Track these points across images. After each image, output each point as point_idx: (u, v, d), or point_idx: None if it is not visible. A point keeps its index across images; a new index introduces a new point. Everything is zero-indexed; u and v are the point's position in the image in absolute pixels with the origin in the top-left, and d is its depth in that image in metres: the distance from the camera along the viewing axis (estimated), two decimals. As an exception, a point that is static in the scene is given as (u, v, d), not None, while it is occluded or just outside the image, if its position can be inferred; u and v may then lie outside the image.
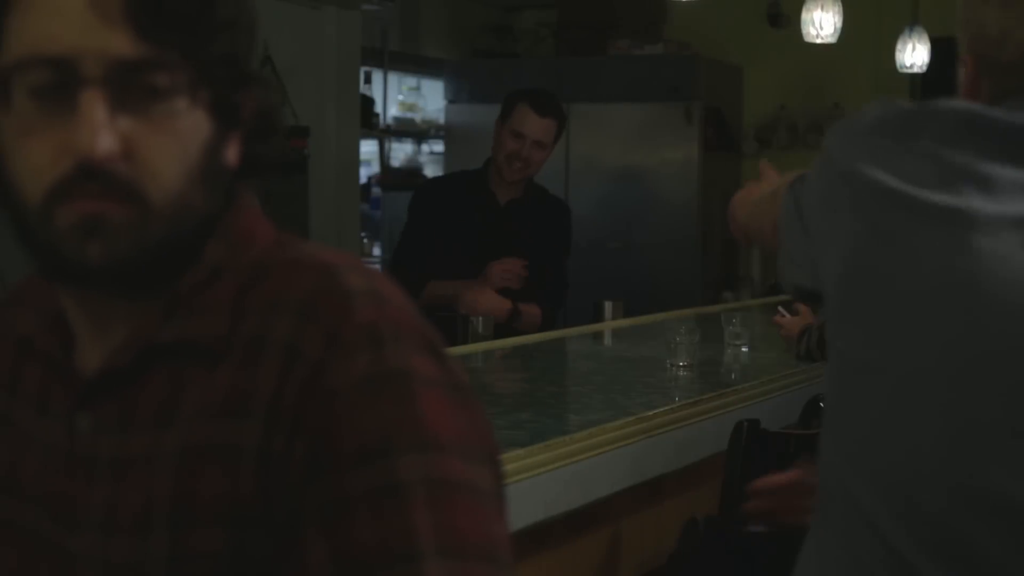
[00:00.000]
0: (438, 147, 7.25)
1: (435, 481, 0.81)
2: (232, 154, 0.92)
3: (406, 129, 7.16)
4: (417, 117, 7.19)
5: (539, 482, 1.96)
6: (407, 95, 7.16)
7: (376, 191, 6.87)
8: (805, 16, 4.41)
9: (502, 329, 3.48)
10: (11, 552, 0.96)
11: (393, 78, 6.91)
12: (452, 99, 6.85)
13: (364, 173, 6.31)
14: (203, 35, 0.87)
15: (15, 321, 1.02)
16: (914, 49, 5.21)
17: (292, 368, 0.85)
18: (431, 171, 7.25)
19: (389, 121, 6.86)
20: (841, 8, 4.40)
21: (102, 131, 0.84)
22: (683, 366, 2.84)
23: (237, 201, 0.94)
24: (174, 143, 0.87)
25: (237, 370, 0.87)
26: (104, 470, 0.90)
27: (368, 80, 6.30)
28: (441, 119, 7.05)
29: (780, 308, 3.15)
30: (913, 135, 1.23)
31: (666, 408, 2.34)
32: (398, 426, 0.82)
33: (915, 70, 5.31)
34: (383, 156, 6.89)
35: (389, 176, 6.90)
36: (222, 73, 0.89)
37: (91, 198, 0.85)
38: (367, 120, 6.00)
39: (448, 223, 3.64)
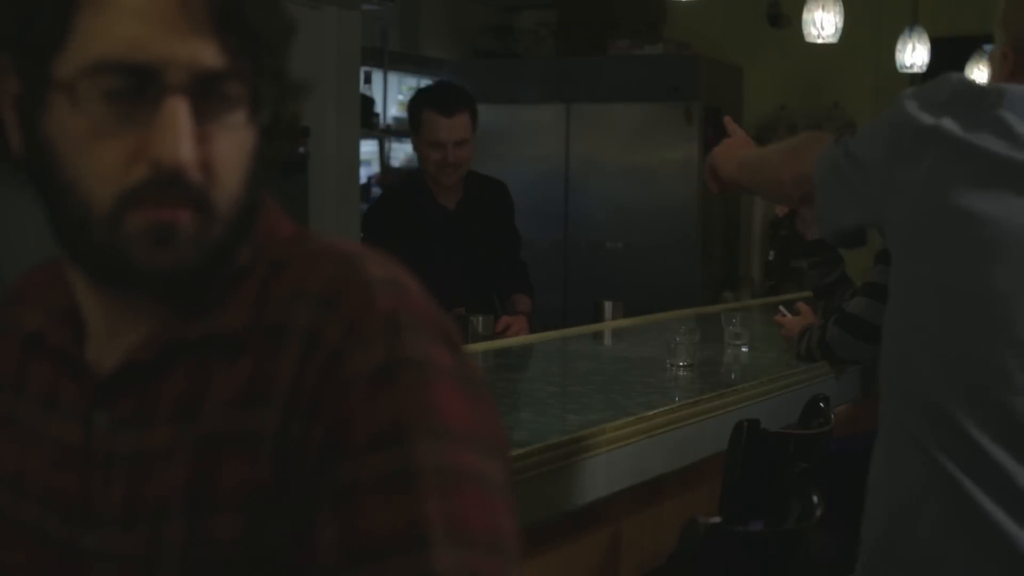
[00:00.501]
0: (438, 147, 7.24)
1: (447, 470, 0.82)
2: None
3: (406, 129, 7.13)
4: (417, 117, 7.18)
5: (539, 482, 1.96)
6: (407, 95, 7.15)
7: (376, 191, 6.87)
8: (805, 16, 4.41)
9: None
10: (18, 552, 0.96)
11: (393, 78, 6.90)
12: (452, 99, 6.85)
13: (364, 173, 6.31)
14: (270, 46, 0.88)
15: (20, 319, 1.02)
16: (914, 49, 5.21)
17: (312, 355, 0.85)
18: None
19: (389, 121, 6.85)
20: (841, 8, 4.40)
21: (187, 140, 0.84)
22: (683, 366, 2.84)
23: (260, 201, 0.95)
24: (238, 152, 0.88)
25: (258, 359, 0.87)
26: (122, 466, 0.90)
27: (368, 80, 6.30)
28: (441, 119, 7.04)
29: (781, 308, 3.14)
30: (988, 106, 1.52)
31: (666, 408, 2.34)
32: (412, 414, 0.83)
33: (915, 70, 5.31)
34: (383, 156, 6.88)
35: (389, 176, 6.89)
36: (275, 83, 0.90)
37: (166, 205, 0.85)
38: (367, 120, 6.00)
39: (404, 239, 3.51)
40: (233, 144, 0.87)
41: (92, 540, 0.91)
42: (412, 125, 3.64)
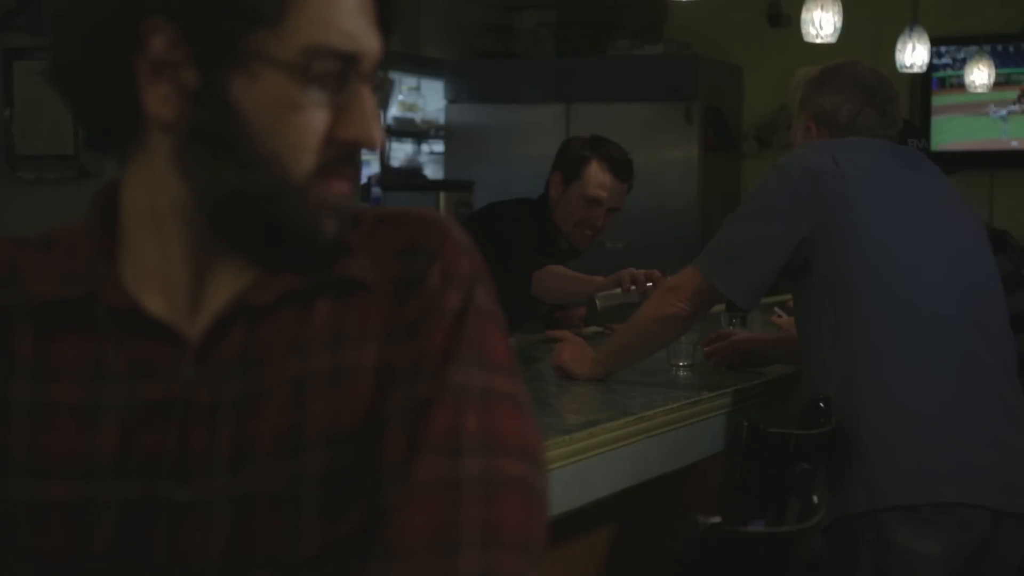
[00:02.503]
0: (438, 147, 7.25)
1: (488, 392, 0.97)
2: None
3: (406, 129, 7.16)
4: (417, 117, 7.19)
5: (539, 482, 1.96)
6: (407, 95, 7.16)
7: (376, 191, 6.87)
8: (805, 16, 4.40)
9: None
10: (52, 536, 0.95)
11: (393, 78, 6.91)
12: (452, 99, 6.85)
13: (364, 173, 6.31)
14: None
15: (27, 292, 1.00)
16: (914, 49, 5.20)
17: (418, 295, 0.99)
18: (431, 171, 7.25)
19: (389, 121, 6.85)
20: (841, 8, 4.39)
21: (377, 124, 1.00)
22: (683, 366, 2.84)
23: None
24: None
25: (383, 302, 0.99)
26: (229, 412, 0.96)
27: (368, 80, 6.30)
28: (441, 119, 7.05)
29: (777, 309, 3.14)
30: (829, 159, 2.41)
31: (666, 408, 2.34)
32: (474, 345, 0.98)
33: (915, 70, 5.31)
34: (383, 156, 6.88)
35: (389, 176, 6.89)
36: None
37: (347, 179, 1.00)
38: (367, 120, 5.99)
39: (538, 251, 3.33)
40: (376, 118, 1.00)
41: (187, 492, 0.94)
42: (569, 170, 3.35)
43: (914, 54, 5.21)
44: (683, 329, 2.51)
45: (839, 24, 4.38)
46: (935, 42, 5.60)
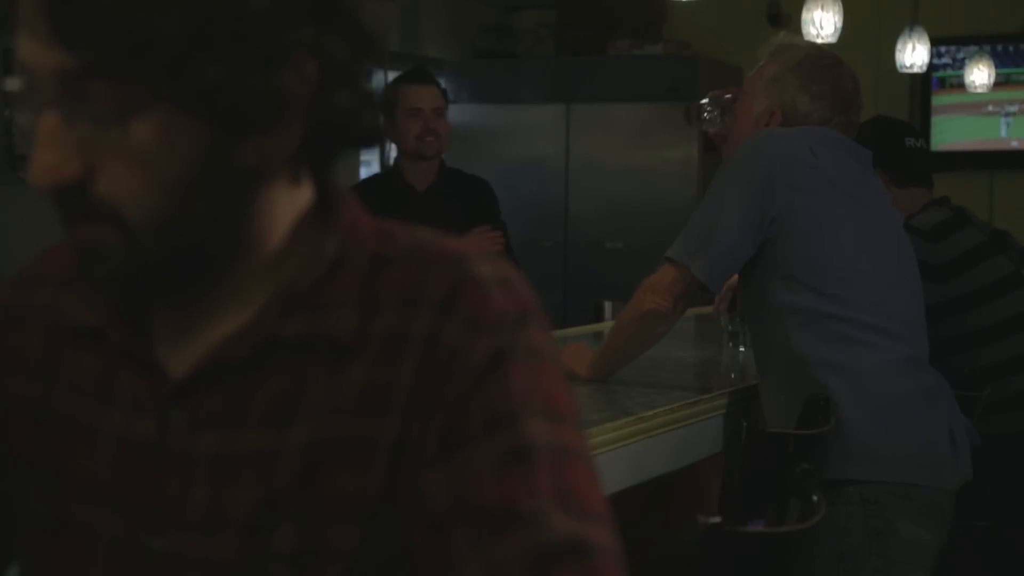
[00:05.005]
0: (438, 147, 7.24)
1: (558, 448, 0.84)
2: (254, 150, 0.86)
3: (406, 129, 7.14)
4: (417, 117, 7.17)
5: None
6: (407, 95, 7.15)
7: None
8: (805, 16, 4.40)
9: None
10: (61, 547, 0.93)
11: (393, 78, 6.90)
12: (452, 99, 6.84)
13: (364, 173, 6.31)
14: (129, 41, 0.80)
15: (47, 303, 0.98)
16: (914, 49, 5.20)
17: (430, 357, 0.85)
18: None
19: (389, 121, 6.85)
20: (841, 8, 4.39)
21: (41, 156, 0.83)
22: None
23: (336, 193, 0.93)
24: (144, 157, 0.84)
25: (374, 365, 0.86)
26: (204, 468, 0.88)
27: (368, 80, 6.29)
28: (441, 119, 7.04)
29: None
30: (807, 149, 2.43)
31: (666, 408, 2.34)
32: (524, 397, 0.85)
33: (915, 70, 5.31)
34: (383, 156, 6.88)
35: (389, 176, 6.88)
36: (206, 78, 0.82)
37: (79, 222, 0.86)
38: (367, 120, 5.98)
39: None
40: (124, 153, 0.82)
41: (164, 542, 0.88)
42: (388, 109, 3.73)
43: (914, 54, 5.21)
44: (668, 323, 2.50)
45: (839, 24, 4.38)
46: (935, 42, 5.60)
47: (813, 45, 2.70)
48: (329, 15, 0.86)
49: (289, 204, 0.90)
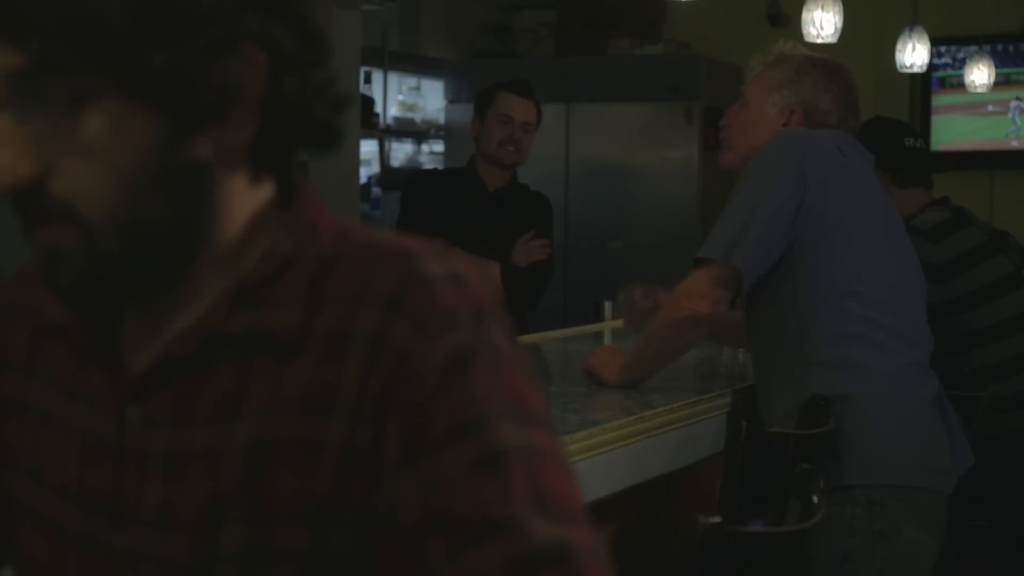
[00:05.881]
0: (438, 147, 7.25)
1: (530, 450, 0.82)
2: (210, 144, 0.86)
3: (406, 129, 7.15)
4: (417, 117, 7.18)
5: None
6: (407, 95, 7.15)
7: (376, 191, 6.87)
8: (805, 16, 4.40)
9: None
10: (41, 541, 0.93)
11: (393, 78, 6.90)
12: (452, 99, 6.84)
13: (364, 173, 6.31)
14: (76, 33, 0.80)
15: (32, 301, 0.99)
16: (914, 49, 5.20)
17: (378, 359, 0.83)
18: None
19: (389, 121, 6.85)
20: (841, 8, 4.39)
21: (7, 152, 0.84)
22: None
23: (298, 190, 0.92)
24: (100, 154, 0.84)
25: (318, 364, 0.85)
26: (157, 464, 0.88)
27: (368, 80, 6.30)
28: (441, 119, 7.04)
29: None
30: (825, 150, 2.43)
31: (666, 408, 2.34)
32: (489, 399, 0.82)
33: (915, 70, 5.31)
34: (383, 156, 6.88)
35: (389, 176, 6.89)
36: (156, 70, 0.82)
37: (39, 224, 0.87)
38: (367, 120, 6.00)
39: (440, 212, 3.73)
40: (78, 148, 0.82)
41: (123, 539, 0.88)
42: (480, 109, 3.84)
43: (914, 54, 5.21)
44: (703, 330, 2.46)
45: (839, 24, 4.38)
46: (935, 42, 5.60)
47: (812, 54, 2.71)
48: (275, 5, 0.86)
49: (247, 200, 0.90)
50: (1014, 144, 6.54)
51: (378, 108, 6.51)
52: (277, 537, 0.84)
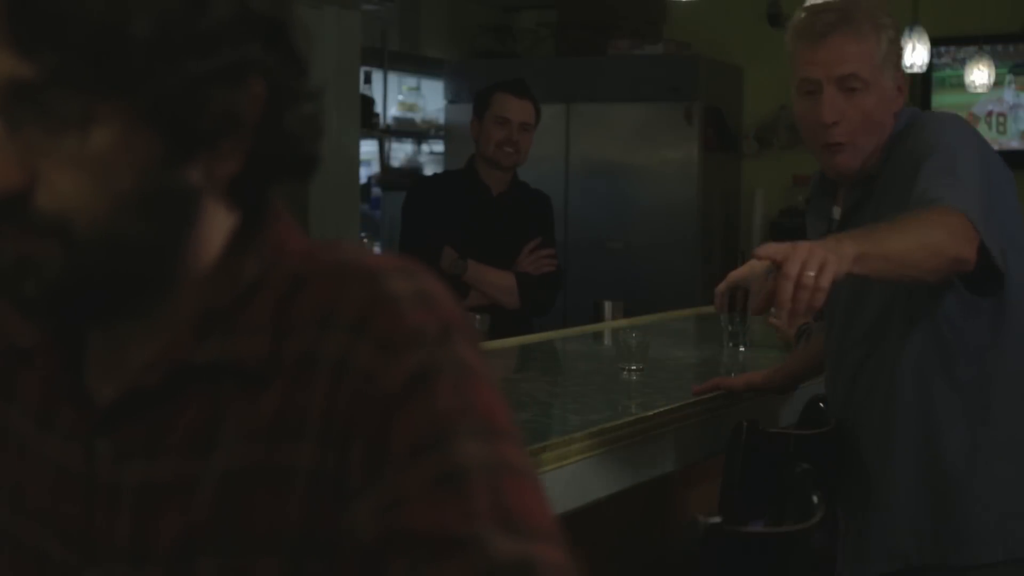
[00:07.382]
0: (438, 147, 7.25)
1: (494, 466, 0.80)
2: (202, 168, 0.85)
3: (406, 129, 7.15)
4: (417, 117, 7.18)
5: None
6: (407, 95, 7.16)
7: (376, 191, 6.87)
8: (805, 16, 4.40)
9: (504, 327, 3.48)
10: (24, 569, 0.92)
11: (393, 78, 6.90)
12: (452, 99, 6.85)
13: (364, 173, 6.31)
14: (97, 46, 0.79)
15: (7, 324, 0.95)
16: (914, 49, 5.20)
17: (342, 381, 0.82)
18: (431, 171, 7.25)
19: (389, 121, 6.85)
20: (841, 8, 4.39)
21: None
22: (635, 370, 2.78)
23: (267, 212, 0.90)
24: (90, 169, 0.82)
25: (287, 390, 0.84)
26: (129, 498, 0.86)
27: (368, 80, 6.30)
28: (441, 119, 7.04)
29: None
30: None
31: (666, 408, 2.34)
32: (451, 416, 0.81)
33: (915, 70, 5.31)
34: (383, 156, 6.88)
35: (389, 176, 6.89)
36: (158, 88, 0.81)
37: (17, 235, 0.84)
38: (367, 120, 6.00)
39: (445, 220, 3.72)
40: (77, 162, 0.80)
41: (97, 573, 0.87)
42: (478, 110, 3.83)
43: (914, 54, 5.21)
44: (953, 269, 1.91)
45: (839, 24, 4.37)
46: (935, 42, 5.60)
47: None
48: (274, 35, 0.85)
49: (221, 226, 0.88)
50: (1014, 144, 6.54)
51: (378, 108, 6.51)
52: (251, 566, 0.83)
